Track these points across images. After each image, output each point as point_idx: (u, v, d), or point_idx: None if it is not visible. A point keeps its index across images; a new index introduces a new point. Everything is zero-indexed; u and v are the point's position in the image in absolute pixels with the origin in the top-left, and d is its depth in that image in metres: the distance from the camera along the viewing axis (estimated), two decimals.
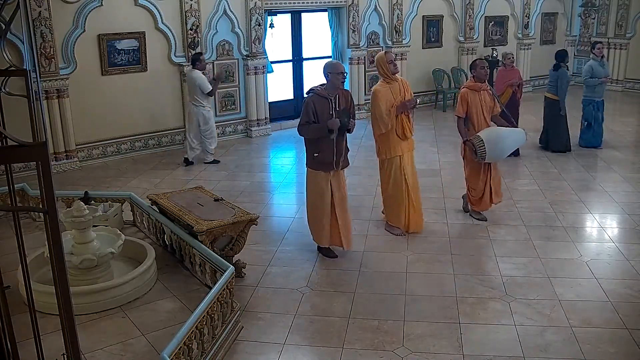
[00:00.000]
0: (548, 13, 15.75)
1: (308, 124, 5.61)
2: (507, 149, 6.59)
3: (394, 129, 6.11)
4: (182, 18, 10.05)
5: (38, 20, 8.62)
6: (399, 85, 6.17)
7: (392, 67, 6.11)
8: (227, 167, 9.32)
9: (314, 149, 5.69)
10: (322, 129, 5.56)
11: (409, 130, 6.19)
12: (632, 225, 6.75)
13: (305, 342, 4.55)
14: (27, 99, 2.58)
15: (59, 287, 2.26)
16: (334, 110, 5.63)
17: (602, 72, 9.73)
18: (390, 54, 6.25)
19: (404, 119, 6.14)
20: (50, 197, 2.10)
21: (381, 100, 6.04)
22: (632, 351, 4.38)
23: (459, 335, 4.57)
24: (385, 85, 6.14)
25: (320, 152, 5.65)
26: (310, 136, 5.67)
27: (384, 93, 6.08)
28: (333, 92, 5.65)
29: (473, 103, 6.55)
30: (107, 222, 6.07)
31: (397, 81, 6.18)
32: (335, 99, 5.66)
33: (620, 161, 9.28)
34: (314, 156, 5.71)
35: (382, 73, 6.17)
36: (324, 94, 5.63)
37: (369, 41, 12.65)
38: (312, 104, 5.59)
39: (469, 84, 6.70)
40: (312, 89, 5.75)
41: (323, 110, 5.59)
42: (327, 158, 5.66)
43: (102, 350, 4.33)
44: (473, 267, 5.75)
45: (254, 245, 6.13)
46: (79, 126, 9.32)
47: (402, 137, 6.16)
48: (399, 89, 6.13)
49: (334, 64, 5.72)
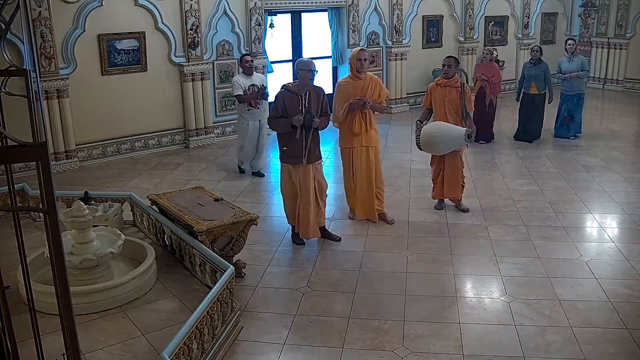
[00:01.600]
0: (548, 13, 15.75)
1: (276, 118, 5.90)
2: (441, 146, 6.69)
3: (346, 123, 6.44)
4: (182, 18, 10.05)
5: (38, 20, 8.61)
6: (366, 82, 6.39)
7: (359, 65, 6.34)
8: (227, 167, 9.32)
9: (283, 143, 6.00)
10: (287, 124, 5.86)
11: (359, 128, 6.45)
12: (632, 225, 6.75)
13: (305, 342, 4.55)
14: (27, 99, 2.58)
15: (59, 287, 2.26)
16: (303, 107, 5.87)
17: (568, 67, 10.31)
18: (364, 52, 6.43)
19: (357, 116, 6.42)
20: (50, 197, 2.10)
21: (339, 94, 6.45)
22: (632, 351, 4.38)
23: (459, 335, 4.57)
24: (349, 81, 6.46)
25: (289, 146, 5.93)
26: (277, 130, 6.02)
27: (344, 87, 6.44)
28: (304, 88, 5.89)
29: (436, 97, 6.88)
30: (107, 222, 6.07)
31: (363, 79, 6.39)
32: (305, 95, 5.90)
33: (620, 161, 9.28)
34: (283, 149, 6.00)
35: (351, 67, 6.44)
36: (294, 90, 5.92)
37: (369, 41, 12.65)
38: (281, 98, 5.91)
39: (438, 79, 7.05)
40: (284, 85, 6.05)
41: (292, 106, 5.87)
42: (295, 152, 5.92)
43: (102, 350, 4.32)
44: (473, 267, 5.75)
45: (254, 245, 6.13)
46: (79, 126, 9.32)
47: (351, 133, 6.48)
48: (362, 86, 6.37)
49: (304, 62, 6.00)
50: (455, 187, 7.07)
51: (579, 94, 10.39)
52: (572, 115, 10.48)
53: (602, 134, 10.99)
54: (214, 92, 10.74)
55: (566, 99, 10.45)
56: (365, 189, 6.68)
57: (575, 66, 10.25)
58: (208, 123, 10.64)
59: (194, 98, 10.38)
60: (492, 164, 9.17)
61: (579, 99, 10.43)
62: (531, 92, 10.21)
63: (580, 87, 10.41)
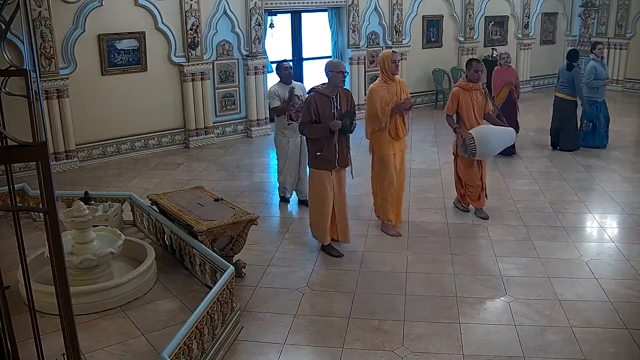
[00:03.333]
0: (548, 13, 15.74)
1: (310, 123, 5.67)
2: (497, 147, 6.68)
3: (387, 128, 6.17)
4: (182, 18, 10.05)
5: (38, 20, 8.61)
6: (397, 85, 6.24)
7: (394, 67, 6.18)
8: (227, 167, 9.32)
9: (316, 148, 5.75)
10: (323, 129, 5.62)
11: (402, 131, 6.27)
12: (632, 225, 6.75)
13: (305, 342, 4.55)
14: (27, 99, 2.58)
15: (59, 287, 2.26)
16: (335, 109, 5.70)
17: (604, 72, 9.75)
18: (397, 54, 6.30)
19: (397, 120, 6.21)
20: (50, 197, 2.10)
21: (377, 99, 6.12)
22: (632, 351, 4.38)
23: (459, 335, 4.57)
24: (383, 85, 6.21)
25: (323, 150, 5.71)
26: (312, 135, 5.74)
27: (380, 92, 6.15)
28: (334, 90, 5.71)
29: (464, 102, 6.67)
30: (107, 222, 6.07)
31: (395, 82, 6.24)
32: (336, 97, 5.73)
33: (621, 161, 9.28)
34: (316, 155, 5.76)
35: (383, 70, 6.22)
36: (325, 92, 5.70)
37: (369, 41, 12.65)
38: (313, 102, 5.66)
39: (461, 83, 6.83)
40: (313, 87, 5.82)
41: (324, 109, 5.66)
42: (329, 157, 5.72)
43: (102, 350, 4.32)
44: (473, 267, 5.75)
45: (254, 245, 6.13)
46: (79, 126, 9.32)
47: (394, 137, 6.24)
48: (395, 90, 6.20)
49: (334, 63, 5.78)
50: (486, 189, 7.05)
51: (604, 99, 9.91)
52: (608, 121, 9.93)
53: None
54: (214, 92, 10.74)
55: (601, 106, 9.80)
56: (400, 195, 6.56)
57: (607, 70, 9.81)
58: (208, 123, 10.63)
59: (194, 98, 10.38)
60: (492, 164, 9.16)
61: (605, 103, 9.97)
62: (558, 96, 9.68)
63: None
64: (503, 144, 6.82)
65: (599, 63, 9.74)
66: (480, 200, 6.96)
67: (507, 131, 6.78)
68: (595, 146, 9.82)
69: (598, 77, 9.60)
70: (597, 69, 9.62)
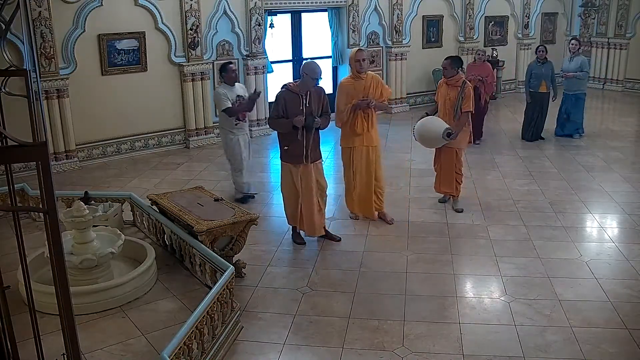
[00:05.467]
0: (548, 13, 15.74)
1: (277, 118, 5.90)
2: (425, 139, 6.88)
3: (349, 123, 6.42)
4: (182, 18, 10.05)
5: (38, 20, 8.61)
6: (367, 82, 6.40)
7: (358, 65, 6.36)
8: (227, 167, 9.30)
9: (284, 142, 6.01)
10: (288, 125, 5.87)
11: (361, 128, 6.47)
12: (632, 225, 6.75)
13: (305, 342, 4.55)
14: (27, 99, 2.58)
15: (59, 287, 2.26)
16: (304, 107, 5.88)
17: (567, 67, 10.39)
18: (362, 52, 6.45)
19: (359, 116, 6.43)
20: (50, 197, 2.10)
21: (341, 94, 6.45)
22: (632, 351, 4.38)
23: (459, 335, 4.57)
24: (351, 81, 6.48)
25: (290, 145, 5.94)
26: (278, 130, 6.03)
27: (346, 88, 6.45)
28: (304, 89, 5.91)
29: (440, 93, 7.12)
30: (107, 222, 6.07)
31: (364, 79, 6.40)
32: (306, 95, 5.90)
33: (620, 161, 9.28)
34: (284, 149, 6.01)
35: (351, 68, 6.48)
36: (295, 90, 5.92)
37: (369, 41, 12.65)
38: (282, 99, 5.92)
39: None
40: (285, 84, 6.05)
41: (293, 106, 5.87)
42: (296, 151, 5.93)
43: (102, 350, 4.32)
44: (473, 267, 5.75)
45: (254, 245, 6.13)
46: (79, 126, 9.32)
47: (353, 132, 6.50)
48: (364, 86, 6.38)
49: (311, 68, 5.92)
50: (448, 183, 7.18)
51: (577, 93, 10.42)
52: (569, 115, 10.57)
53: (602, 134, 10.98)
54: (214, 92, 10.72)
55: (565, 98, 10.58)
56: (365, 188, 6.70)
57: (573, 66, 10.30)
58: (208, 123, 10.63)
59: (194, 98, 10.38)
60: (492, 164, 9.17)
61: (577, 99, 10.47)
62: (540, 91, 10.27)
63: (579, 87, 10.42)
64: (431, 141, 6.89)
65: (568, 58, 10.59)
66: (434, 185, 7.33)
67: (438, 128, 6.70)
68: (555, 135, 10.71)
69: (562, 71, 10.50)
70: (563, 63, 10.64)
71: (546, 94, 10.28)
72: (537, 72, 10.20)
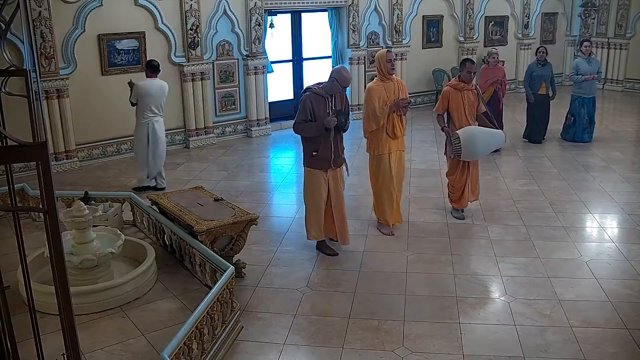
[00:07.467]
0: (548, 13, 15.75)
1: (304, 122, 5.68)
2: (483, 149, 6.65)
3: (384, 127, 6.20)
4: (182, 18, 10.05)
5: (38, 20, 8.61)
6: (394, 85, 6.26)
7: (390, 66, 6.19)
8: (227, 167, 9.32)
9: (312, 147, 5.75)
10: (319, 127, 5.63)
11: (399, 130, 6.29)
12: (632, 225, 6.75)
13: (305, 342, 4.55)
14: (27, 99, 2.58)
15: (59, 287, 2.26)
16: (330, 109, 5.69)
17: (589, 69, 10.04)
18: (391, 53, 6.30)
19: (395, 118, 6.23)
20: (50, 197, 2.10)
21: (374, 98, 6.14)
22: (632, 351, 4.38)
23: (459, 335, 4.57)
24: (380, 83, 6.23)
25: (319, 150, 5.71)
26: (307, 134, 5.73)
27: (378, 90, 6.17)
28: (330, 91, 5.71)
29: (454, 101, 6.69)
30: (107, 222, 6.07)
31: (393, 81, 6.26)
32: (332, 97, 5.73)
33: (620, 161, 9.28)
34: (312, 154, 5.76)
35: (380, 70, 6.25)
36: (321, 92, 5.69)
37: (369, 41, 12.65)
38: (309, 102, 5.66)
39: (453, 82, 6.86)
40: (308, 87, 5.81)
41: (320, 109, 5.66)
42: (325, 156, 5.73)
43: (102, 350, 4.32)
44: (473, 267, 5.75)
45: (254, 245, 6.13)
46: (79, 126, 9.31)
47: (391, 136, 6.27)
48: (393, 89, 6.22)
49: (344, 78, 5.64)
50: (476, 189, 7.03)
51: (594, 96, 10.24)
52: (591, 119, 10.29)
53: (602, 134, 10.97)
54: (214, 92, 10.73)
55: (584, 102, 10.15)
56: (401, 194, 6.58)
57: (594, 67, 10.08)
58: (208, 123, 10.63)
59: (194, 98, 10.38)
60: (492, 164, 9.16)
61: (595, 101, 10.32)
62: (540, 93, 10.11)
63: (596, 89, 10.33)
64: (490, 146, 6.77)
65: (584, 60, 10.14)
66: (460, 202, 6.93)
67: (496, 133, 6.72)
68: (574, 140, 10.27)
69: (580, 74, 10.03)
70: (579, 65, 10.14)
71: (546, 96, 10.16)
72: (537, 74, 10.08)
